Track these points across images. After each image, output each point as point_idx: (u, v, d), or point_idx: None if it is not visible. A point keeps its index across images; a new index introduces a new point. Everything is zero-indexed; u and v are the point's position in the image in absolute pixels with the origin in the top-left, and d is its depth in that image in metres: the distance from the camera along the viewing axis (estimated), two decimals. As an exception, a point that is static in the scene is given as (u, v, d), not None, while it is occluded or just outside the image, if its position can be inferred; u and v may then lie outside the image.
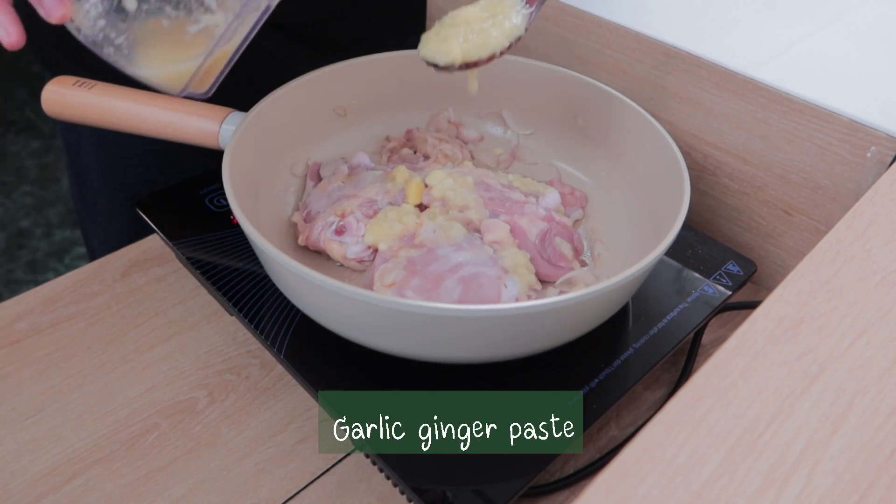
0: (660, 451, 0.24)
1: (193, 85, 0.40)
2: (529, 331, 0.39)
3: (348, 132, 0.58)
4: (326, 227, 0.48)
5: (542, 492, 0.43)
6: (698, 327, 0.47)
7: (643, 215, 0.51)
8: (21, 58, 2.29)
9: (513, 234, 0.48)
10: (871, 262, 0.32)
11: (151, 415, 0.47)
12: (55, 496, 0.42)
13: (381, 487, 0.43)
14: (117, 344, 0.51)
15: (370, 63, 0.57)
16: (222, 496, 0.43)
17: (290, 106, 0.53)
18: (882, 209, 0.36)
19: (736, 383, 0.27)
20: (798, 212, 0.53)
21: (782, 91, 0.50)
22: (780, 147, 0.51)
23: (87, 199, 0.76)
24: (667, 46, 0.55)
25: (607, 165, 0.56)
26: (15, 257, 1.67)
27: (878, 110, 0.47)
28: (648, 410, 0.49)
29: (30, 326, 0.52)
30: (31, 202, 1.81)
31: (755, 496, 0.23)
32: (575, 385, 0.42)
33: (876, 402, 0.27)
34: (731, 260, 0.51)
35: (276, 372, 0.50)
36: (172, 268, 0.57)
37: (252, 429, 0.46)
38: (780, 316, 0.29)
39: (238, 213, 0.41)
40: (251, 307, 0.46)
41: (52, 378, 0.48)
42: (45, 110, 0.52)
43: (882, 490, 0.24)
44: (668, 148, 0.48)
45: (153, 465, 0.44)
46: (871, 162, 0.47)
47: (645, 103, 0.57)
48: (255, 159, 0.49)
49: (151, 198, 0.54)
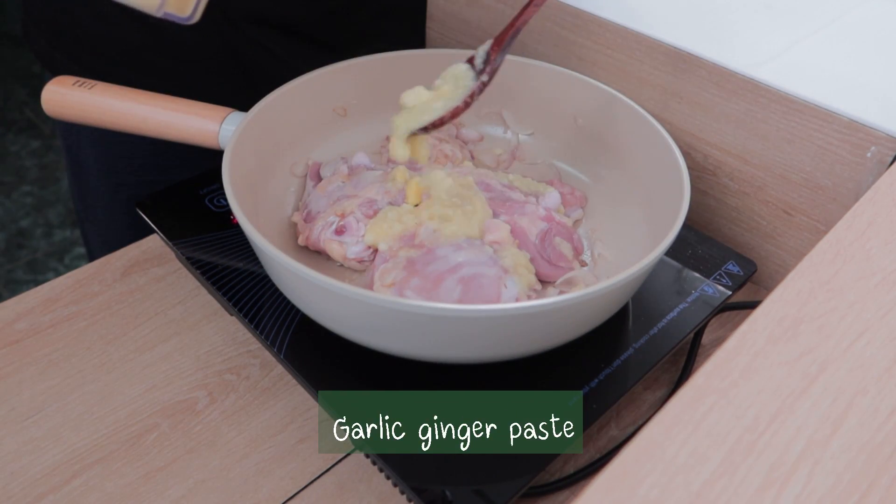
0: (660, 451, 0.24)
1: (171, 4, 0.38)
2: (529, 331, 0.39)
3: (348, 132, 0.58)
4: (326, 227, 0.48)
5: (542, 492, 0.43)
6: (698, 327, 0.47)
7: (643, 215, 0.51)
8: (21, 58, 2.29)
9: (513, 235, 0.48)
10: (870, 262, 0.32)
11: (151, 415, 0.47)
12: (55, 496, 0.42)
13: (382, 487, 0.44)
14: (117, 344, 0.51)
15: (370, 63, 0.57)
16: (222, 496, 0.43)
17: (290, 106, 0.53)
18: (882, 209, 0.36)
19: (736, 383, 0.27)
20: (798, 212, 0.53)
21: (782, 91, 0.50)
22: (780, 147, 0.51)
23: (86, 201, 0.76)
24: (667, 46, 0.55)
25: (607, 165, 0.56)
26: (15, 257, 1.67)
27: (878, 110, 0.47)
28: (648, 410, 0.49)
29: (30, 326, 0.52)
30: (31, 202, 1.81)
31: (755, 496, 0.23)
32: (575, 385, 0.42)
33: (876, 401, 0.27)
34: (731, 260, 0.51)
35: (276, 372, 0.50)
36: (172, 268, 0.57)
37: (252, 429, 0.46)
38: (780, 316, 0.29)
39: (238, 213, 0.41)
40: (251, 307, 0.46)
41: (52, 378, 0.48)
42: (45, 110, 0.52)
43: (882, 490, 0.24)
44: (667, 148, 0.48)
45: (153, 465, 0.44)
46: (871, 162, 0.47)
47: (645, 103, 0.57)
48: (255, 159, 0.49)
49: (151, 198, 0.54)
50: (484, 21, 0.68)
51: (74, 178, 0.76)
